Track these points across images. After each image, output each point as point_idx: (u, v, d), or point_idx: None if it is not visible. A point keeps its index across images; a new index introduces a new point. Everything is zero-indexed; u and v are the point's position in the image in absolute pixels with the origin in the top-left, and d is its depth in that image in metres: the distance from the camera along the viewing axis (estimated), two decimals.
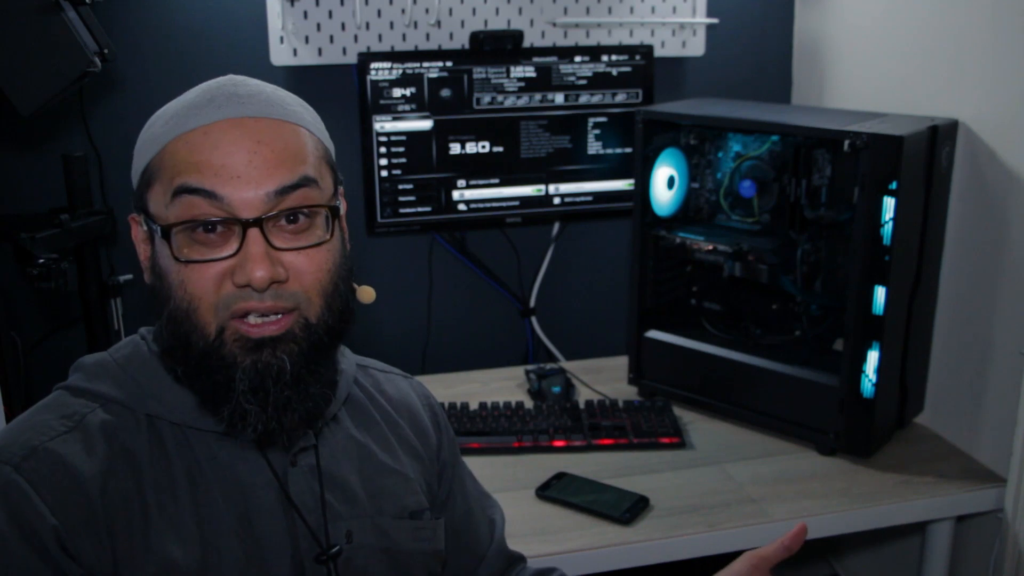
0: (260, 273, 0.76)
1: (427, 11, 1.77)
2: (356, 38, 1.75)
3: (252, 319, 0.78)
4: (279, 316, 0.79)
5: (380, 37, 1.76)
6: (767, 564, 1.06)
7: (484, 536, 1.07)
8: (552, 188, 1.82)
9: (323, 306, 0.81)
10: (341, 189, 0.87)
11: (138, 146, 0.84)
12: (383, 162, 1.71)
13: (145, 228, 0.82)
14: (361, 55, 1.68)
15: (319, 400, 0.83)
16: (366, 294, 0.91)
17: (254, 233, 0.77)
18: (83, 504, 0.77)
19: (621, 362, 1.80)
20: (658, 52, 1.86)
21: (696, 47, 1.93)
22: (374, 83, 1.68)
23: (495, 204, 1.80)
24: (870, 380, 1.45)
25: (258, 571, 0.82)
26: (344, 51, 1.75)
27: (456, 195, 1.77)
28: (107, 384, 0.83)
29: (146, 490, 0.80)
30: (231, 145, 0.78)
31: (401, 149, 1.72)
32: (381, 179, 1.72)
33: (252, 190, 0.77)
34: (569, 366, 1.85)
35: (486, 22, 1.81)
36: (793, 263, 1.57)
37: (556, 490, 1.41)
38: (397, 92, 1.70)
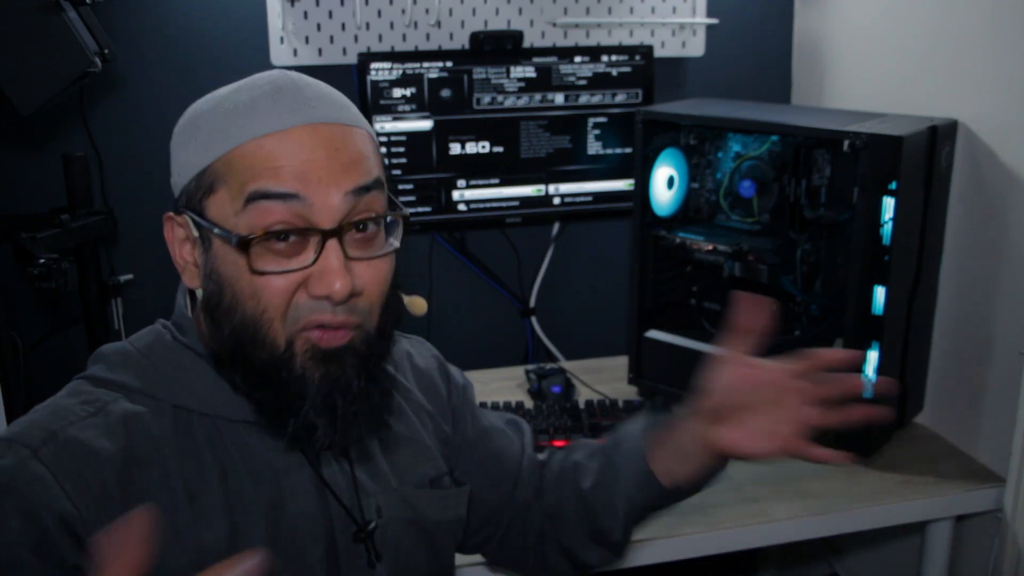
0: (340, 286, 0.75)
1: (427, 11, 1.77)
2: (356, 38, 1.75)
3: (321, 330, 0.77)
4: (344, 328, 0.78)
5: (380, 37, 1.76)
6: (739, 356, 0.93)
7: (509, 454, 1.05)
8: (552, 188, 1.83)
9: (381, 317, 0.81)
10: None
11: (183, 142, 0.80)
12: (383, 162, 1.71)
13: (195, 232, 0.79)
14: (361, 55, 1.68)
15: (382, 410, 0.83)
16: (418, 306, 0.92)
17: (333, 244, 0.76)
18: (103, 489, 0.75)
19: (621, 362, 1.80)
20: (658, 52, 1.86)
21: (696, 47, 1.93)
22: (374, 83, 1.69)
23: (495, 204, 1.80)
24: (870, 380, 1.45)
25: (291, 556, 0.83)
26: (344, 51, 1.75)
27: (456, 195, 1.78)
28: (130, 374, 0.81)
29: (173, 480, 0.78)
30: (310, 151, 0.76)
31: (401, 149, 1.72)
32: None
33: (333, 192, 0.76)
34: (569, 366, 1.85)
35: (486, 22, 1.81)
36: (793, 263, 1.57)
37: None
38: (397, 92, 1.70)
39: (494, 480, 1.04)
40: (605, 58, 1.79)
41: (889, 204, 1.38)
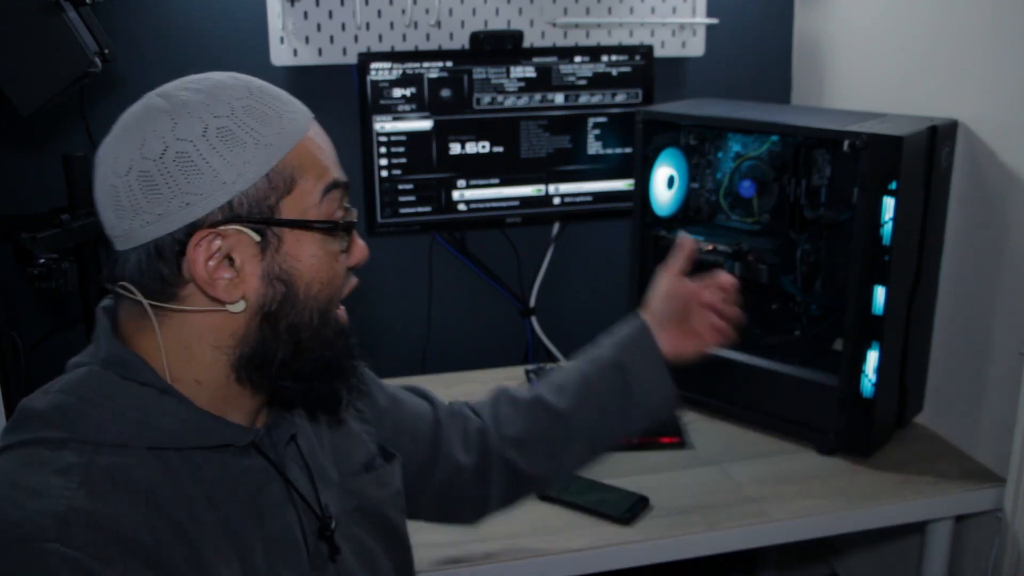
0: (367, 250, 0.87)
1: (427, 11, 1.77)
2: (356, 38, 1.75)
3: None
4: None
5: (380, 37, 1.76)
6: (680, 273, 1.17)
7: (423, 410, 1.11)
8: (552, 188, 1.83)
9: None
10: None
11: (220, 151, 0.75)
12: (383, 162, 1.72)
13: (256, 236, 0.77)
14: (361, 55, 1.68)
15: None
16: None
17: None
18: (141, 556, 0.71)
19: None
20: (658, 52, 1.86)
21: (696, 47, 1.93)
22: (374, 83, 1.69)
23: (495, 204, 1.80)
24: (870, 380, 1.45)
25: (288, 563, 0.84)
26: (344, 51, 1.75)
27: (456, 195, 1.78)
28: (88, 426, 0.76)
29: (185, 525, 0.76)
30: (327, 140, 0.84)
31: (401, 149, 1.72)
32: (381, 179, 1.72)
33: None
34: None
35: (486, 22, 1.81)
36: (793, 263, 1.57)
37: (556, 490, 1.41)
38: (397, 92, 1.70)
39: (416, 438, 1.08)
40: (605, 58, 1.79)
41: (889, 204, 1.38)
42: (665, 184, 1.68)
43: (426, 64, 1.70)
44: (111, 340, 0.80)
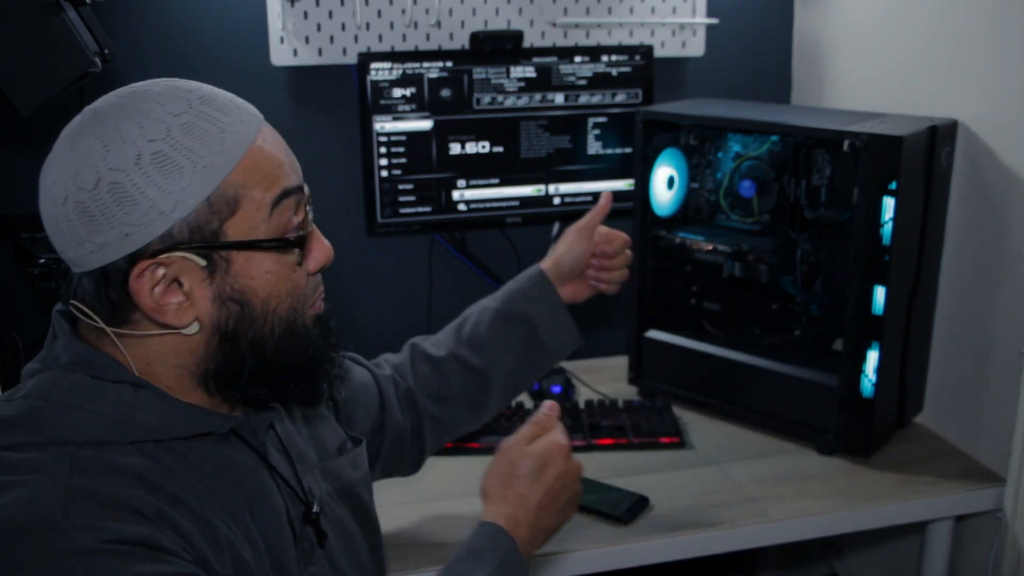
0: (330, 251, 0.84)
1: (427, 11, 1.77)
2: (356, 38, 1.75)
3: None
4: None
5: (380, 37, 1.76)
6: (589, 230, 1.28)
7: (366, 377, 1.17)
8: (552, 188, 1.83)
9: None
10: None
11: (156, 181, 0.73)
12: (383, 162, 1.72)
13: (202, 262, 0.75)
14: (361, 55, 1.68)
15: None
16: None
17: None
18: (150, 518, 0.72)
19: (621, 362, 1.80)
20: (658, 52, 1.86)
21: (696, 47, 1.93)
22: (374, 83, 1.69)
23: (495, 204, 1.80)
24: (870, 380, 1.45)
25: (278, 548, 0.84)
26: (344, 51, 1.75)
27: (456, 195, 1.78)
28: (62, 428, 0.74)
29: (183, 496, 0.76)
30: (281, 146, 0.81)
31: (401, 149, 1.72)
32: (381, 179, 1.72)
33: (300, 177, 0.83)
34: (569, 366, 1.85)
35: (486, 22, 1.81)
36: (793, 263, 1.57)
37: None
38: (397, 92, 1.70)
39: (368, 408, 1.14)
40: (605, 58, 1.79)
41: (889, 204, 1.38)
42: (665, 184, 1.68)
43: (426, 64, 1.70)
44: (73, 342, 0.79)
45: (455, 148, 1.75)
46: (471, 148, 1.76)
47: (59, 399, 0.75)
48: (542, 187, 1.82)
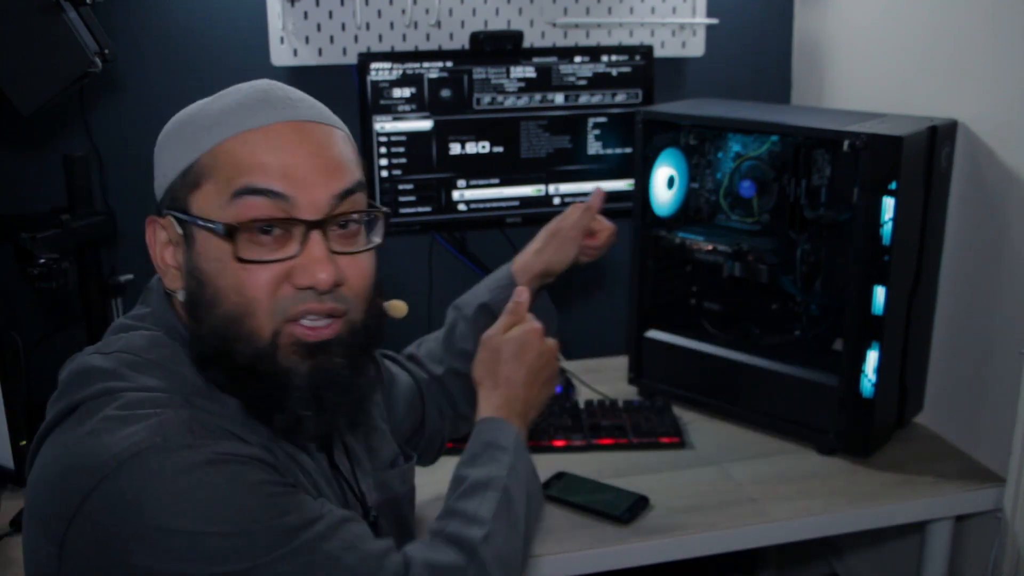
0: (325, 275, 0.77)
1: (427, 11, 1.77)
2: (356, 38, 1.75)
3: (308, 322, 0.79)
4: (331, 321, 0.80)
5: (380, 37, 1.76)
6: (577, 233, 1.30)
7: (404, 379, 1.20)
8: (552, 188, 1.83)
9: (366, 311, 0.83)
10: None
11: (168, 144, 0.82)
12: (383, 162, 1.72)
13: (179, 230, 0.80)
14: (361, 55, 1.68)
15: (365, 402, 0.88)
16: (397, 308, 0.95)
17: (316, 235, 0.78)
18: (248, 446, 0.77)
19: (621, 362, 1.80)
20: (658, 52, 1.86)
21: (696, 47, 1.93)
22: (374, 83, 1.69)
23: (495, 204, 1.80)
24: (870, 380, 1.45)
25: None
26: (344, 51, 1.75)
27: (456, 195, 1.78)
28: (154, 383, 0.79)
29: (273, 450, 0.80)
30: (294, 148, 0.78)
31: (401, 149, 1.72)
32: (381, 179, 1.72)
33: (318, 193, 0.78)
34: (569, 366, 1.85)
35: (486, 22, 1.81)
36: (793, 263, 1.57)
37: (556, 490, 1.41)
38: (397, 92, 1.70)
39: (412, 406, 1.18)
40: (605, 58, 1.79)
41: (889, 204, 1.38)
42: (665, 184, 1.68)
43: (426, 64, 1.70)
44: (168, 310, 0.84)
45: (455, 148, 1.75)
46: (471, 148, 1.76)
47: (156, 359, 0.80)
48: (542, 187, 1.82)
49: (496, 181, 1.79)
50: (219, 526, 0.70)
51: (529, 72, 1.76)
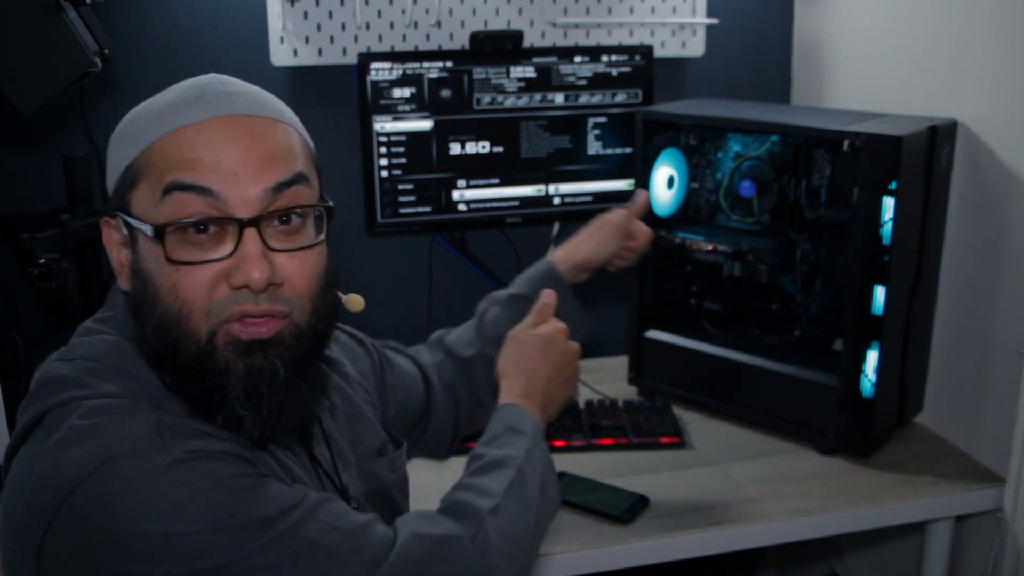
0: (258, 274, 0.75)
1: (427, 11, 1.77)
2: (356, 38, 1.75)
3: (243, 322, 0.77)
4: (268, 319, 0.77)
5: (380, 37, 1.76)
6: (624, 229, 1.33)
7: (409, 366, 1.19)
8: (552, 188, 1.83)
9: (312, 311, 0.80)
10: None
11: (114, 144, 0.82)
12: (383, 162, 1.72)
13: (125, 231, 0.80)
14: (361, 55, 1.68)
15: (312, 405, 0.83)
16: (355, 303, 0.92)
17: (251, 233, 0.75)
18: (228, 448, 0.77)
19: (621, 362, 1.80)
20: (658, 52, 1.86)
21: (696, 47, 1.93)
22: (374, 83, 1.69)
23: (495, 204, 1.80)
24: (870, 380, 1.45)
25: None
26: (344, 51, 1.75)
27: (456, 195, 1.78)
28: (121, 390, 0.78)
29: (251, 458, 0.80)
30: (226, 142, 0.76)
31: (401, 149, 1.72)
32: (381, 179, 1.72)
33: (249, 186, 0.76)
34: None
35: (486, 22, 1.81)
36: (793, 263, 1.57)
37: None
38: (397, 92, 1.70)
39: (413, 392, 1.17)
40: (605, 58, 1.79)
41: (889, 204, 1.38)
42: (665, 184, 1.68)
43: (426, 64, 1.70)
44: (127, 314, 0.82)
45: (455, 148, 1.75)
46: (471, 148, 1.76)
47: (118, 364, 0.79)
48: (542, 187, 1.82)
49: (496, 181, 1.79)
50: (194, 524, 0.69)
51: (529, 72, 1.76)
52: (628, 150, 1.83)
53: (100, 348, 0.80)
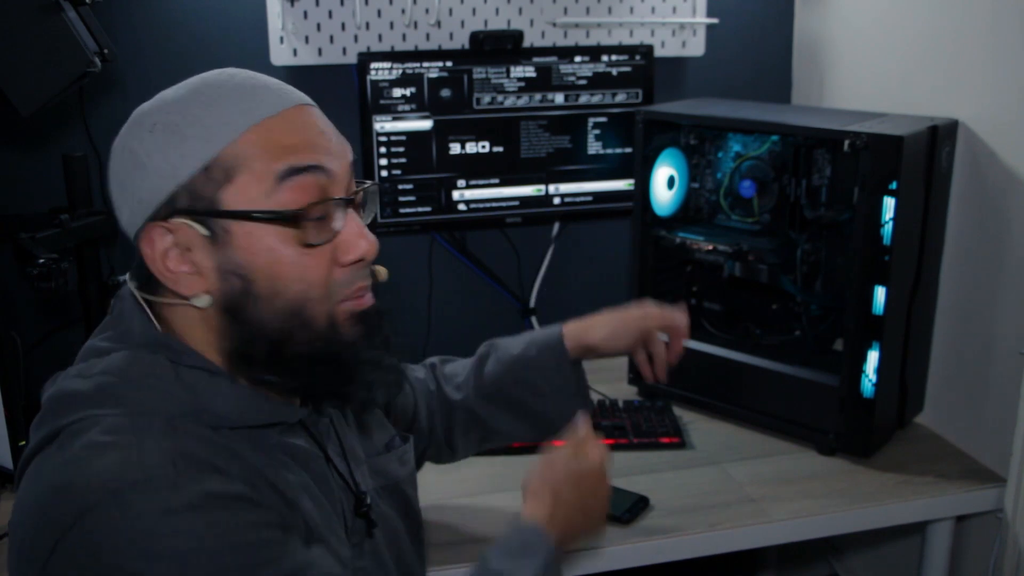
0: (373, 248, 0.81)
1: (427, 11, 1.77)
2: (356, 38, 1.75)
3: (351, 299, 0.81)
4: (367, 290, 0.83)
5: (380, 37, 1.76)
6: (644, 338, 1.27)
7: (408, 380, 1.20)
8: (552, 188, 1.82)
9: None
10: None
11: (163, 147, 0.76)
12: (383, 162, 1.71)
13: (204, 231, 0.76)
14: (361, 55, 1.68)
15: (400, 360, 0.88)
16: (382, 273, 0.95)
17: (352, 211, 0.81)
18: (233, 477, 0.75)
19: (621, 362, 1.79)
20: (658, 52, 1.86)
21: (696, 47, 1.93)
22: (374, 83, 1.69)
23: (495, 204, 1.80)
24: (870, 380, 1.45)
25: (335, 538, 0.85)
26: (344, 51, 1.75)
27: (456, 195, 1.77)
28: (139, 403, 0.76)
29: (264, 471, 0.79)
30: (314, 127, 0.80)
31: (401, 149, 1.72)
32: (381, 179, 1.72)
33: (342, 163, 0.80)
34: None
35: (486, 22, 1.81)
36: (793, 263, 1.57)
37: None
38: (397, 92, 1.70)
39: (404, 407, 1.17)
40: (605, 58, 1.79)
41: (889, 204, 1.38)
42: (665, 184, 1.68)
43: (426, 64, 1.70)
44: (147, 324, 0.81)
45: (455, 148, 1.75)
46: (471, 148, 1.76)
47: (137, 378, 0.77)
48: (542, 187, 1.82)
49: (496, 181, 1.79)
50: None
51: (529, 72, 1.76)
52: (628, 150, 1.83)
53: (119, 363, 0.78)
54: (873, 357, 1.44)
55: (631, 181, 1.78)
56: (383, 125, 1.70)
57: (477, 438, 1.25)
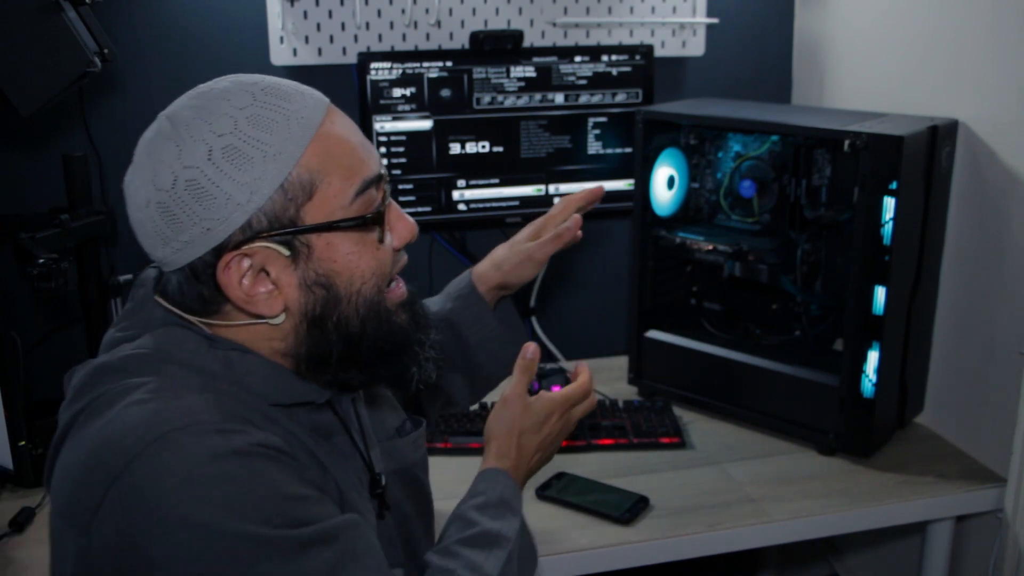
0: (414, 226, 0.88)
1: (427, 11, 1.77)
2: (356, 38, 1.75)
3: (392, 283, 0.86)
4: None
5: (380, 37, 1.76)
6: (543, 258, 1.23)
7: None
8: (552, 188, 1.82)
9: None
10: None
11: (230, 174, 0.74)
12: (383, 162, 1.71)
13: (285, 250, 0.77)
14: (361, 55, 1.68)
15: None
16: (403, 257, 0.99)
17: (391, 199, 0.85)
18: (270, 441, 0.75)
19: (621, 362, 1.80)
20: (658, 52, 1.86)
21: (696, 47, 1.93)
22: (374, 83, 1.69)
23: (495, 204, 1.80)
24: (870, 380, 1.45)
25: (364, 508, 0.87)
26: (344, 51, 1.75)
27: (456, 195, 1.77)
28: (172, 374, 0.77)
29: (298, 434, 0.81)
30: (351, 129, 0.82)
31: (401, 149, 1.72)
32: None
33: (380, 160, 0.84)
34: (569, 366, 1.85)
35: (486, 22, 1.81)
36: (793, 263, 1.57)
37: (556, 490, 1.41)
38: (397, 92, 1.70)
39: None
40: (605, 58, 1.79)
41: (889, 204, 1.38)
42: (665, 184, 1.68)
43: (426, 64, 1.70)
44: (169, 315, 0.81)
45: (455, 148, 1.75)
46: (471, 148, 1.76)
47: (172, 349, 0.78)
48: (542, 187, 1.82)
49: (496, 181, 1.79)
50: (236, 524, 0.68)
51: (529, 72, 1.76)
52: (628, 150, 1.83)
53: (150, 339, 0.79)
54: (873, 357, 1.44)
55: (631, 181, 1.78)
56: (383, 125, 1.70)
57: (441, 404, 1.23)
